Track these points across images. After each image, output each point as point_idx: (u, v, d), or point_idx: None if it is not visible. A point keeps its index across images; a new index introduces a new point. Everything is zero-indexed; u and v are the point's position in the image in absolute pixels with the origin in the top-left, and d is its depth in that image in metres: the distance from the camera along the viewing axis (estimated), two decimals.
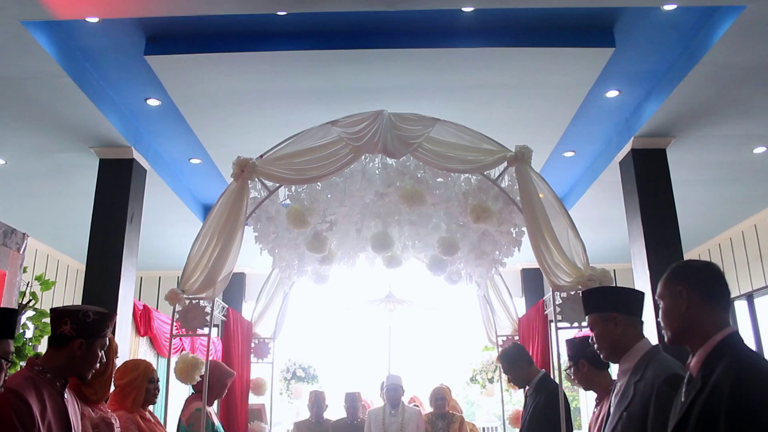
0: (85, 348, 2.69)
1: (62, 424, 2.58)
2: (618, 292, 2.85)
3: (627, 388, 2.61)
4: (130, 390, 3.63)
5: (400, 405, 5.98)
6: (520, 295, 10.50)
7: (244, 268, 10.30)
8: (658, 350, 2.68)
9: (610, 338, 2.74)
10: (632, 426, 2.51)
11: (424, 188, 4.98)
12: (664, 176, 6.24)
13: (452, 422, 6.12)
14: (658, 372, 2.52)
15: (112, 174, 6.33)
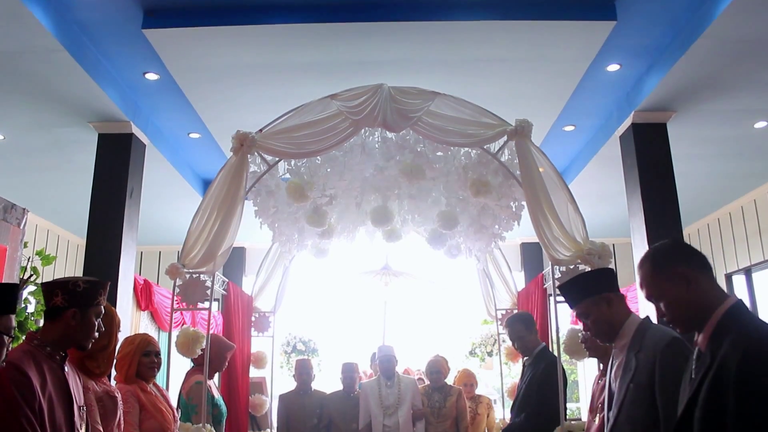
0: (79, 317, 2.69)
1: (63, 397, 2.58)
2: (597, 275, 2.93)
3: (628, 361, 2.65)
4: (124, 363, 3.68)
5: (395, 376, 5.88)
6: (519, 269, 10.53)
7: (244, 242, 10.31)
8: (649, 321, 2.76)
9: (607, 319, 2.78)
10: (641, 396, 2.54)
11: (423, 162, 4.98)
12: (665, 151, 6.23)
13: (449, 395, 5.86)
14: (658, 339, 2.57)
15: (111, 149, 6.31)
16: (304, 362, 6.17)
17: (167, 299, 7.06)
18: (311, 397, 5.89)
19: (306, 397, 5.87)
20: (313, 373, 6.09)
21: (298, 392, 5.94)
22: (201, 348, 4.67)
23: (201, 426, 4.46)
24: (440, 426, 5.75)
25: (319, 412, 5.79)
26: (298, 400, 5.85)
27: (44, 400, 2.46)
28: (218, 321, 7.09)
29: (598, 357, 3.84)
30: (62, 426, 2.52)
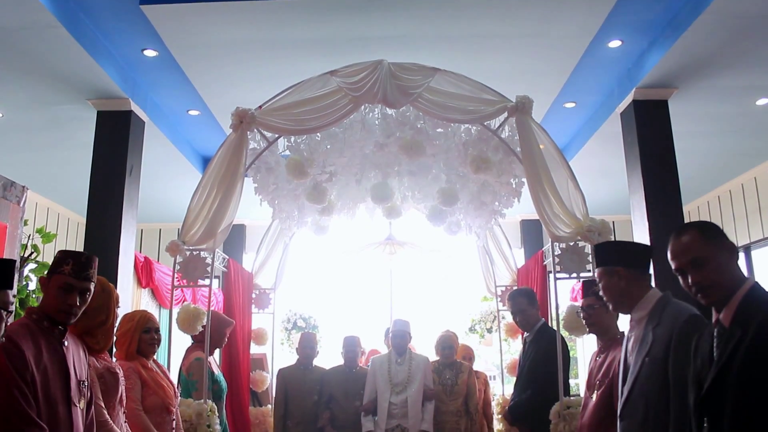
0: (45, 284, 2.67)
1: (60, 370, 2.58)
2: (622, 247, 2.93)
3: (645, 335, 2.67)
4: (125, 340, 3.70)
5: (406, 352, 5.62)
6: (519, 246, 10.54)
7: (244, 219, 10.31)
8: (670, 297, 2.76)
9: (615, 291, 2.82)
10: (657, 370, 2.57)
11: (423, 139, 4.96)
12: (666, 128, 6.21)
13: (461, 372, 5.67)
14: (677, 315, 2.59)
15: (110, 126, 6.29)
16: (308, 336, 5.96)
17: (168, 276, 7.08)
18: (312, 373, 5.67)
19: (307, 373, 5.66)
20: (317, 349, 5.90)
21: (298, 367, 5.73)
22: (202, 324, 4.69)
23: (203, 401, 4.50)
24: (452, 404, 5.57)
25: (320, 388, 5.60)
26: (299, 375, 5.64)
27: (38, 372, 2.46)
28: (219, 298, 7.11)
29: (597, 333, 3.87)
30: (58, 399, 2.53)
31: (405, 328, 5.67)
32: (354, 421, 5.47)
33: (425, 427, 5.36)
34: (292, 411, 5.52)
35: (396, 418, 5.37)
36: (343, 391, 5.56)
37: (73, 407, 2.61)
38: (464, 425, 5.56)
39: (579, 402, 4.20)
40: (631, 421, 2.68)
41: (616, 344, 3.59)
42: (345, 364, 5.70)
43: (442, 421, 5.49)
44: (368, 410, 5.46)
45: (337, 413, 5.51)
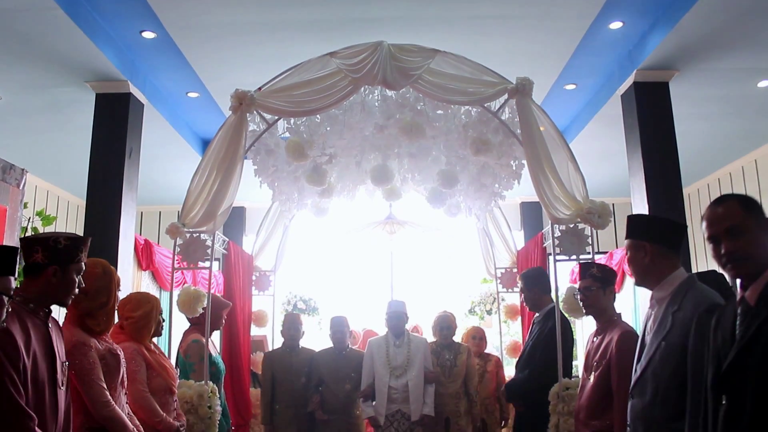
0: (60, 275, 2.67)
1: (47, 353, 2.59)
2: (652, 223, 2.91)
3: (665, 318, 2.66)
4: (146, 321, 3.72)
5: (404, 334, 5.47)
6: (519, 228, 10.55)
7: (244, 201, 10.31)
8: (694, 280, 2.72)
9: (639, 265, 2.81)
10: (671, 355, 2.57)
11: (423, 120, 4.95)
12: (666, 110, 6.19)
13: (459, 353, 5.55)
14: (698, 302, 2.56)
15: (108, 108, 6.27)
16: (292, 317, 5.79)
17: (168, 259, 7.09)
18: (299, 355, 5.54)
19: (293, 355, 5.53)
20: (302, 329, 5.69)
21: (284, 350, 5.60)
22: (202, 306, 4.70)
23: (203, 383, 4.53)
24: (451, 386, 5.45)
25: (308, 371, 5.47)
26: (285, 358, 5.51)
27: (28, 358, 2.47)
28: (219, 280, 7.13)
29: (594, 315, 3.89)
30: (45, 382, 2.54)
31: (401, 309, 5.53)
32: (344, 404, 5.36)
33: (427, 411, 5.21)
34: (280, 395, 5.41)
35: (396, 403, 5.22)
36: (332, 373, 5.41)
37: (58, 389, 2.63)
38: (464, 407, 5.45)
39: (577, 383, 4.22)
40: (640, 400, 2.70)
41: (613, 326, 3.62)
42: (334, 346, 5.55)
43: (441, 404, 5.37)
44: (367, 395, 5.31)
45: (327, 397, 5.38)
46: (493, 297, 7.65)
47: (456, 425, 5.39)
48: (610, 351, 3.49)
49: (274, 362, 5.50)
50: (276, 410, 5.40)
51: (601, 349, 3.58)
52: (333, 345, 5.55)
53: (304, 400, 5.40)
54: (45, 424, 2.51)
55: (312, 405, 5.36)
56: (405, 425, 5.20)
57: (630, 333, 3.47)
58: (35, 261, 2.68)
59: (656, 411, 2.59)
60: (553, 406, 4.35)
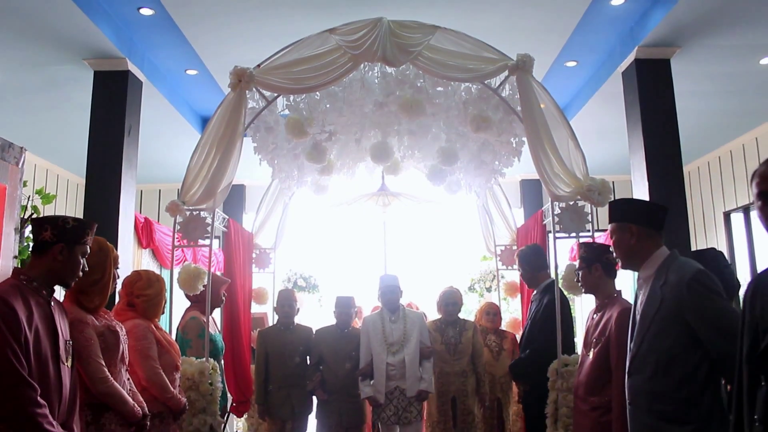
0: (66, 253, 2.75)
1: (49, 330, 2.64)
2: (636, 205, 2.98)
3: (653, 294, 2.72)
4: (159, 299, 3.82)
5: (399, 309, 5.30)
6: (518, 206, 10.55)
7: (243, 179, 10.31)
8: (676, 255, 2.80)
9: (625, 247, 2.88)
10: (666, 328, 2.62)
11: (423, 97, 4.93)
12: (667, 87, 6.16)
13: (465, 330, 5.40)
14: (683, 272, 2.64)
15: (107, 86, 6.24)
16: (286, 293, 5.60)
17: (168, 237, 7.10)
18: (293, 333, 5.38)
19: (288, 333, 5.37)
20: (297, 306, 5.53)
21: (279, 327, 5.45)
22: (203, 284, 4.73)
23: (204, 360, 4.56)
24: (457, 364, 5.31)
25: (303, 350, 5.33)
26: (279, 336, 5.36)
27: (30, 333, 2.51)
28: (219, 258, 7.15)
29: (591, 293, 3.91)
30: (48, 358, 2.58)
31: (394, 283, 5.33)
32: (345, 383, 5.20)
33: (424, 387, 5.09)
34: (274, 374, 5.28)
35: (395, 380, 5.10)
36: (333, 352, 5.27)
37: (62, 365, 2.67)
38: (470, 386, 5.33)
39: (576, 360, 4.26)
40: (639, 377, 2.73)
41: (612, 303, 3.64)
42: (336, 325, 5.40)
43: (447, 383, 5.28)
44: (366, 374, 5.15)
45: (327, 376, 5.25)
46: (493, 274, 7.66)
47: (463, 405, 5.30)
48: (609, 328, 3.51)
49: (268, 340, 5.36)
50: (269, 390, 5.27)
51: (601, 325, 3.60)
52: (336, 324, 5.40)
53: (299, 379, 5.26)
54: (49, 398, 2.55)
55: (312, 384, 5.24)
56: (404, 402, 5.09)
57: (629, 310, 3.47)
58: (44, 239, 2.74)
59: (659, 383, 2.64)
60: (551, 383, 4.39)
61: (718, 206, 9.22)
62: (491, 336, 5.74)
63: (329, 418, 5.23)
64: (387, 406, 5.10)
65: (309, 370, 5.29)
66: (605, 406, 3.45)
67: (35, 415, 2.44)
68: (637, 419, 2.75)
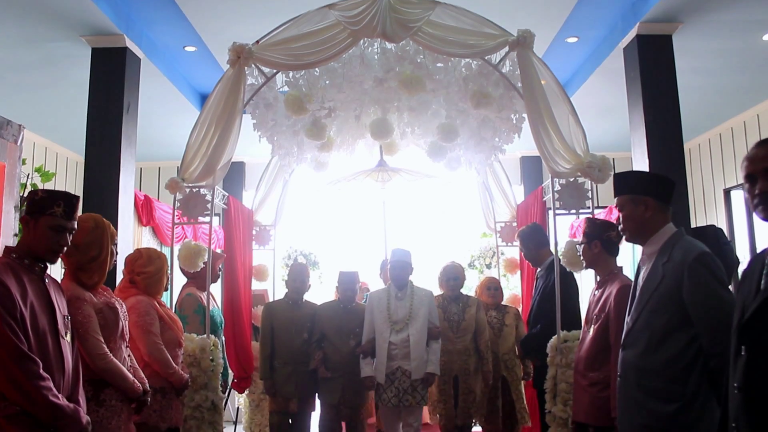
0: (32, 225, 2.70)
1: (46, 306, 2.65)
2: (652, 178, 2.96)
3: (655, 271, 2.72)
4: (160, 276, 3.86)
5: (407, 286, 5.08)
6: (519, 182, 10.54)
7: (243, 156, 10.28)
8: (682, 234, 2.79)
9: (638, 220, 2.84)
10: (662, 305, 2.63)
11: (423, 74, 4.91)
12: (669, 64, 6.12)
13: (468, 306, 5.25)
14: (687, 252, 2.63)
15: (105, 63, 6.19)
16: (299, 267, 5.47)
17: (168, 214, 7.10)
18: (302, 309, 5.27)
19: (296, 309, 5.26)
20: (309, 282, 5.41)
21: (287, 302, 5.32)
22: (203, 261, 4.76)
23: (206, 336, 4.59)
24: (460, 342, 5.16)
25: (310, 326, 5.22)
26: (288, 311, 5.24)
27: (26, 309, 2.53)
28: (219, 235, 7.16)
29: (592, 269, 3.93)
30: (47, 333, 2.60)
31: (405, 258, 5.12)
32: (348, 361, 5.06)
33: (431, 370, 4.88)
34: (279, 350, 5.17)
35: (396, 360, 4.88)
36: (336, 329, 5.14)
37: (62, 340, 2.69)
38: (473, 365, 5.18)
39: (576, 336, 4.28)
40: (631, 351, 2.75)
41: (613, 279, 3.66)
42: (339, 301, 5.27)
43: (449, 361, 5.12)
44: (367, 352, 5.00)
45: (330, 353, 5.11)
46: (493, 251, 7.69)
47: (465, 384, 5.15)
48: (609, 304, 3.54)
49: (275, 314, 5.25)
50: (273, 366, 5.17)
51: (601, 302, 3.63)
52: (339, 300, 5.30)
53: (304, 357, 5.15)
54: (51, 372, 2.58)
55: (314, 362, 5.10)
56: (406, 383, 4.86)
57: (629, 287, 3.49)
58: (23, 216, 2.75)
59: (650, 359, 2.65)
60: (551, 358, 4.42)
61: (719, 183, 9.21)
62: (492, 312, 5.59)
63: (332, 397, 5.09)
64: (388, 387, 4.90)
65: (311, 348, 5.16)
66: (604, 382, 3.48)
67: (39, 387, 2.47)
68: (625, 393, 2.78)
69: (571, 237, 6.68)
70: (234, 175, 9.98)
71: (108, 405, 3.10)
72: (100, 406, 3.08)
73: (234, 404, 7.32)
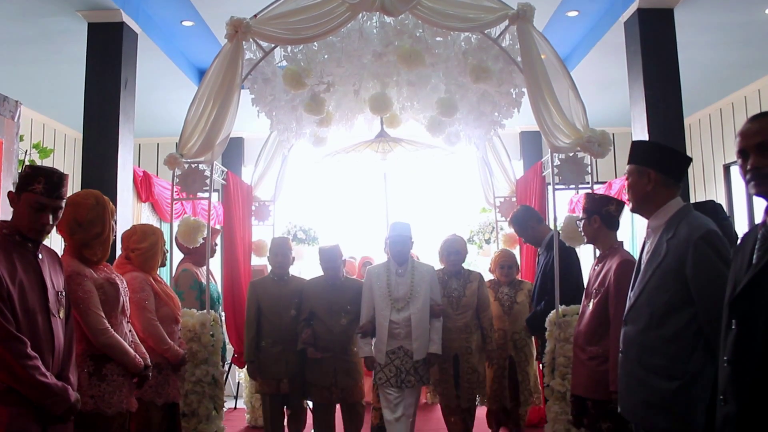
0: (15, 200, 2.68)
1: (36, 283, 2.63)
2: (661, 151, 2.87)
3: (659, 246, 2.69)
4: (154, 252, 3.83)
5: (408, 262, 4.86)
6: (518, 158, 10.51)
7: (242, 132, 10.24)
8: (689, 209, 2.73)
9: (640, 192, 2.81)
10: (666, 282, 2.61)
11: (422, 48, 4.87)
12: (670, 38, 6.07)
13: (469, 282, 5.03)
14: (693, 229, 2.58)
15: (101, 38, 6.13)
16: (279, 241, 5.19)
17: (167, 190, 7.10)
18: (288, 285, 4.98)
19: (282, 285, 4.98)
20: (292, 255, 5.10)
21: (272, 279, 5.04)
22: (202, 237, 4.77)
23: (206, 311, 4.62)
24: (460, 319, 4.92)
25: (298, 302, 4.93)
26: (273, 288, 4.96)
27: (14, 286, 2.51)
28: (218, 211, 7.16)
29: (592, 243, 3.94)
30: (36, 310, 2.59)
31: (405, 232, 4.88)
32: (339, 340, 4.81)
33: (434, 350, 4.69)
34: (266, 329, 4.90)
35: (398, 339, 4.68)
36: (325, 306, 4.86)
37: (53, 318, 2.67)
38: (475, 343, 4.94)
39: (575, 310, 4.30)
40: (633, 327, 2.74)
41: (613, 254, 3.67)
42: (324, 278, 4.98)
43: (449, 339, 4.86)
44: (366, 331, 4.77)
45: (319, 332, 4.82)
46: (492, 226, 7.70)
47: (466, 363, 4.91)
48: (608, 279, 3.55)
49: (260, 292, 4.96)
50: (261, 347, 4.90)
51: (601, 276, 3.64)
52: (324, 277, 4.99)
53: (294, 334, 4.86)
54: (41, 350, 2.57)
55: (303, 341, 4.80)
56: (408, 363, 4.67)
57: (628, 261, 3.51)
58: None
59: (651, 336, 2.64)
60: (549, 332, 4.44)
61: (718, 159, 9.19)
62: (504, 288, 5.39)
63: (323, 380, 4.80)
64: (387, 366, 4.70)
65: (299, 326, 4.87)
66: (603, 356, 3.50)
67: (26, 367, 2.46)
68: (627, 369, 2.77)
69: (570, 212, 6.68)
70: (233, 151, 9.95)
71: (110, 380, 3.12)
72: (102, 381, 3.10)
73: (235, 379, 7.38)
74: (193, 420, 4.41)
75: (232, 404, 7.33)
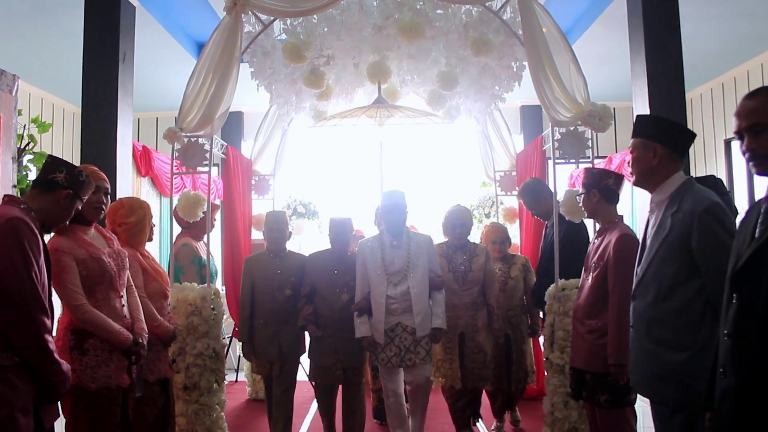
0: (68, 201, 2.81)
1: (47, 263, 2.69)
2: (668, 126, 2.86)
3: (664, 220, 2.70)
4: (141, 227, 3.80)
5: (404, 232, 4.56)
6: (519, 132, 10.48)
7: (241, 106, 10.19)
8: (692, 182, 2.75)
9: (645, 165, 2.81)
10: (672, 255, 2.63)
11: (423, 20, 4.83)
12: (673, 10, 6.01)
13: (476, 255, 4.78)
14: (696, 202, 2.60)
15: (99, 11, 6.07)
16: (274, 215, 4.87)
17: (167, 165, 7.09)
18: (284, 262, 4.71)
19: (278, 261, 4.71)
20: (288, 230, 4.83)
21: (267, 255, 4.76)
22: (203, 210, 4.76)
23: (206, 285, 4.63)
24: (467, 295, 4.71)
25: (294, 281, 4.65)
26: (268, 264, 4.70)
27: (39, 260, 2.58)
28: (218, 185, 7.16)
29: (592, 218, 3.94)
30: (46, 288, 2.63)
31: (399, 201, 4.55)
32: (341, 318, 4.54)
33: (438, 324, 4.41)
34: (260, 308, 4.66)
35: (395, 315, 4.40)
36: (328, 282, 4.59)
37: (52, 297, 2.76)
38: (482, 320, 4.74)
39: (574, 284, 4.31)
40: (641, 301, 2.76)
41: (613, 228, 3.67)
42: (331, 251, 4.71)
43: (454, 317, 4.65)
44: (362, 309, 4.48)
45: (321, 309, 4.58)
46: (492, 200, 7.70)
47: (472, 341, 4.71)
48: (608, 253, 3.55)
49: (255, 268, 4.72)
50: (254, 327, 4.69)
51: (600, 250, 3.65)
52: (331, 250, 4.72)
53: (289, 315, 4.63)
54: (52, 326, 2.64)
55: (303, 318, 4.59)
56: (408, 340, 4.38)
57: (628, 236, 3.52)
58: (56, 179, 2.79)
59: (659, 309, 2.66)
60: (549, 306, 4.46)
61: (719, 134, 9.15)
62: (497, 264, 5.17)
63: (324, 358, 4.57)
64: (387, 346, 4.41)
65: (300, 302, 4.62)
66: (602, 330, 3.52)
67: (48, 342, 2.53)
68: (637, 343, 2.79)
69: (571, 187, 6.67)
70: (232, 125, 9.92)
71: (92, 354, 3.12)
72: (84, 355, 3.11)
73: (236, 352, 7.43)
74: (194, 393, 4.44)
75: (233, 377, 7.39)
